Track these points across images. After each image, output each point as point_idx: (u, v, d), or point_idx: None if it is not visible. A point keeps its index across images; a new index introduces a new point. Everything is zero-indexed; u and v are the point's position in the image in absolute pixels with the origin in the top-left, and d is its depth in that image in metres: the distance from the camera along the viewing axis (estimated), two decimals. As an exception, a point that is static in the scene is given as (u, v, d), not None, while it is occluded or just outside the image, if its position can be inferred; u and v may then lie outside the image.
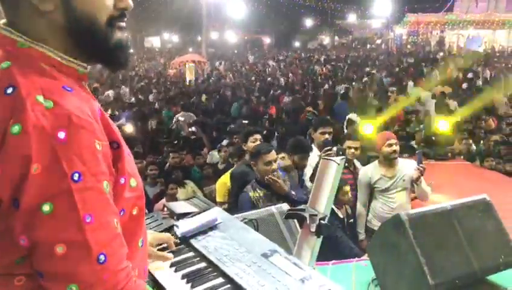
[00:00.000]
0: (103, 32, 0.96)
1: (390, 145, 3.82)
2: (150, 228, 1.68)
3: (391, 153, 3.83)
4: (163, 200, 4.48)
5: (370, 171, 3.97)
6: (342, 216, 3.72)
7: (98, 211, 0.84)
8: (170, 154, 6.00)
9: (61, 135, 0.80)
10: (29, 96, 0.81)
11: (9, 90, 0.82)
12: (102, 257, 0.84)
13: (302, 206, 1.46)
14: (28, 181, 0.78)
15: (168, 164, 5.95)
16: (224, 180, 4.35)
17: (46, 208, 0.79)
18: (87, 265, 0.82)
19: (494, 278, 1.85)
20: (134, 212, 1.00)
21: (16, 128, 0.79)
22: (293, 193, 3.22)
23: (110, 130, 0.94)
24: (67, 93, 0.86)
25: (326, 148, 3.46)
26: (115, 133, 0.95)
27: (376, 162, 4.02)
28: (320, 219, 1.34)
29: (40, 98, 0.82)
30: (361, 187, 4.01)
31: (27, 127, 0.78)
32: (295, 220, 2.30)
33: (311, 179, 3.63)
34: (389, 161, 3.87)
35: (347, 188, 3.70)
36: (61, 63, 0.93)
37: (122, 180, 0.94)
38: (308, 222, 1.38)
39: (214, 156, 6.59)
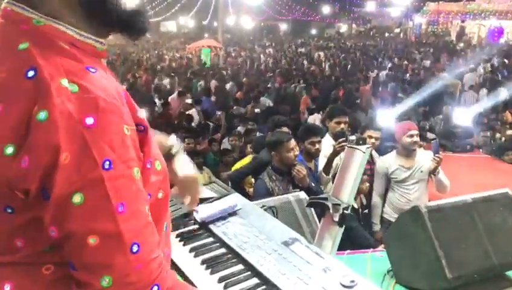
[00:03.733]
0: None
1: (411, 136, 3.78)
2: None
3: (411, 144, 3.79)
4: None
5: (388, 161, 3.93)
6: (356, 206, 3.71)
7: (130, 199, 0.82)
8: (185, 139, 6.01)
9: (90, 121, 0.76)
10: (53, 80, 0.77)
11: (31, 74, 0.77)
12: (135, 247, 0.81)
13: (324, 195, 1.45)
14: (58, 171, 0.75)
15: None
16: (239, 167, 4.36)
17: (76, 199, 0.76)
18: (121, 255, 0.80)
19: (513, 274, 1.83)
20: (160, 195, 0.97)
21: (42, 115, 0.75)
22: (313, 184, 3.22)
23: (135, 113, 0.89)
24: (91, 75, 0.82)
25: (340, 139, 3.46)
26: (140, 116, 0.91)
27: (394, 152, 3.98)
28: (343, 209, 1.33)
29: (65, 82, 0.77)
30: (378, 177, 3.97)
31: (54, 114, 0.75)
32: (312, 209, 2.31)
33: (325, 170, 3.61)
34: (408, 152, 3.83)
35: (363, 177, 3.69)
36: (79, 40, 0.87)
37: (148, 165, 0.91)
38: (331, 211, 1.37)
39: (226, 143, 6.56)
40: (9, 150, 0.77)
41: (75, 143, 0.76)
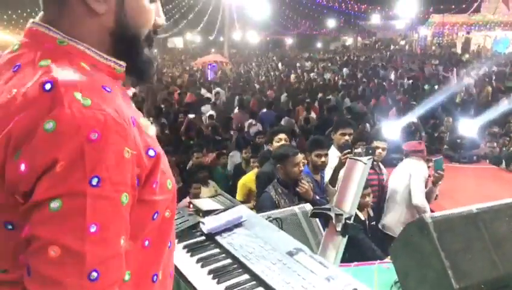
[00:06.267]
0: (141, 45, 0.98)
1: None
2: (176, 225, 1.72)
3: None
4: (187, 199, 4.54)
5: (423, 167, 4.08)
6: (363, 218, 3.71)
7: (106, 223, 0.78)
8: (194, 153, 6.02)
9: (94, 135, 0.76)
10: (66, 93, 0.78)
11: (48, 87, 0.79)
12: (94, 274, 0.76)
13: (327, 206, 1.47)
14: (48, 175, 0.75)
15: (191, 163, 6.00)
16: (244, 181, 4.37)
17: (54, 204, 0.74)
18: (76, 278, 0.75)
19: (520, 284, 1.82)
20: (167, 214, 0.97)
21: (50, 125, 0.76)
22: (317, 197, 3.24)
23: (145, 138, 0.89)
24: (106, 94, 0.83)
25: (346, 151, 3.49)
26: (150, 141, 0.90)
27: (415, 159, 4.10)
28: (346, 219, 1.35)
29: (78, 95, 0.79)
30: (422, 182, 4.04)
31: (61, 125, 0.76)
32: (317, 220, 2.32)
33: (331, 181, 3.62)
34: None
35: (368, 190, 3.68)
36: (100, 61, 0.92)
37: (154, 185, 0.90)
38: (334, 221, 1.39)
39: (235, 156, 6.59)
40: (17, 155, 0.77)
41: (73, 153, 0.75)
